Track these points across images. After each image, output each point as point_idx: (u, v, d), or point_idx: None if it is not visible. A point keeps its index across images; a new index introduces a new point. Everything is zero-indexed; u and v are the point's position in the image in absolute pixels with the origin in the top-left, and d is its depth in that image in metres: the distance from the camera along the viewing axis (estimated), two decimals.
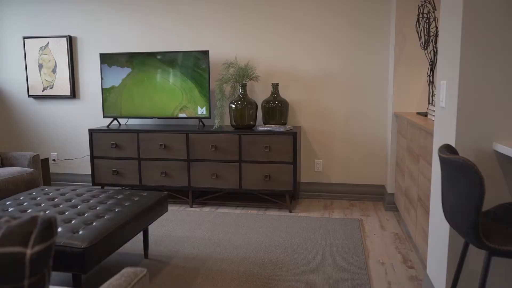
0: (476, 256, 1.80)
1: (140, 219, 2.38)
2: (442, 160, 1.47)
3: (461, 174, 1.35)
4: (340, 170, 4.05)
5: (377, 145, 3.96)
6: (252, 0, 3.97)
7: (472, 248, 1.80)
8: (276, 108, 3.78)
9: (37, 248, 0.76)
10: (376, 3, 3.80)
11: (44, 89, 4.51)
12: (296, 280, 2.40)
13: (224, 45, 4.08)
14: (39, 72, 4.49)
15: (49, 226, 0.79)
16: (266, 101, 3.81)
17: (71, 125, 4.53)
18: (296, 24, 3.94)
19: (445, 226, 1.88)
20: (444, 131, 1.91)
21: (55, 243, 0.80)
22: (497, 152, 1.72)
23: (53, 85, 4.48)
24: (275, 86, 3.80)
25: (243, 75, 3.77)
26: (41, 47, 4.45)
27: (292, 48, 3.97)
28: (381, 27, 3.81)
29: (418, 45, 3.53)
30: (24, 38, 4.45)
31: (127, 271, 1.29)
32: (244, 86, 3.78)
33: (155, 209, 2.57)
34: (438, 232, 1.99)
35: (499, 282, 1.77)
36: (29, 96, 4.54)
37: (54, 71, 4.46)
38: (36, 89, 4.52)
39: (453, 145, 1.76)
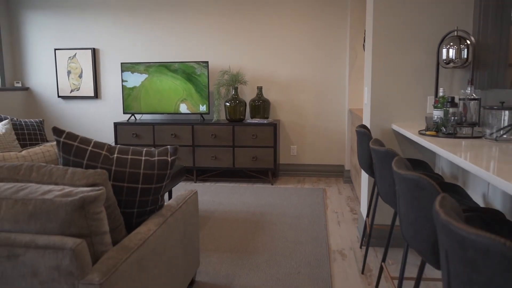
0: None
1: (170, 181, 3.49)
2: (356, 132, 2.65)
3: (363, 137, 2.53)
4: (310, 154, 5.24)
5: (337, 134, 5.16)
6: (241, 23, 5.12)
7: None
8: (261, 105, 4.93)
9: (172, 158, 1.89)
10: (336, 26, 4.99)
11: (71, 91, 5.55)
12: (276, 221, 3.56)
13: (221, 57, 5.22)
14: (67, 77, 5.52)
15: (175, 149, 1.91)
16: (253, 100, 4.95)
17: (94, 120, 5.59)
18: (276, 41, 5.11)
19: (366, 175, 3.07)
20: (365, 118, 3.11)
21: (177, 157, 1.93)
22: (393, 130, 2.92)
23: (79, 88, 5.52)
24: (260, 89, 4.95)
25: (235, 80, 4.91)
26: (69, 57, 5.49)
27: (273, 59, 5.14)
28: (339, 44, 5.01)
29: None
30: (55, 49, 5.48)
31: (186, 189, 2.43)
32: (236, 89, 4.92)
33: (177, 176, 3.69)
34: (363, 181, 3.18)
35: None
36: (58, 96, 5.57)
37: (80, 76, 5.50)
38: (64, 91, 5.56)
39: (369, 126, 2.95)
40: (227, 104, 4.89)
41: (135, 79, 5.09)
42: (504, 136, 1.98)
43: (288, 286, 2.44)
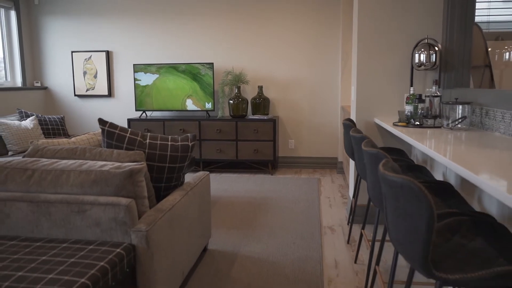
0: None
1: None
2: (343, 124, 3.13)
3: (348, 129, 3.01)
4: (306, 147, 5.72)
5: (331, 128, 5.65)
6: (244, 27, 5.60)
7: None
8: (261, 103, 5.41)
9: (192, 143, 2.37)
10: (330, 31, 5.47)
11: (87, 90, 6.03)
12: (276, 204, 4.05)
13: (225, 58, 5.70)
14: (83, 77, 6.00)
15: (194, 136, 2.39)
16: (254, 98, 5.43)
17: (108, 117, 6.07)
18: (276, 44, 5.59)
19: (353, 163, 3.55)
20: (352, 113, 3.59)
21: (195, 144, 2.41)
22: (376, 123, 3.40)
23: (94, 87, 6.00)
24: (260, 88, 5.43)
25: (238, 80, 5.39)
26: (85, 59, 5.97)
27: (273, 61, 5.62)
28: (333, 47, 5.49)
29: None
30: (72, 52, 5.96)
31: (200, 172, 2.91)
32: (238, 88, 5.40)
33: (189, 164, 4.16)
34: (351, 168, 3.67)
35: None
36: (75, 95, 6.05)
37: (95, 76, 5.98)
38: (80, 90, 6.04)
39: (354, 120, 3.43)
40: (231, 101, 5.37)
41: (147, 79, 5.57)
42: (459, 126, 2.46)
43: (285, 253, 2.92)
